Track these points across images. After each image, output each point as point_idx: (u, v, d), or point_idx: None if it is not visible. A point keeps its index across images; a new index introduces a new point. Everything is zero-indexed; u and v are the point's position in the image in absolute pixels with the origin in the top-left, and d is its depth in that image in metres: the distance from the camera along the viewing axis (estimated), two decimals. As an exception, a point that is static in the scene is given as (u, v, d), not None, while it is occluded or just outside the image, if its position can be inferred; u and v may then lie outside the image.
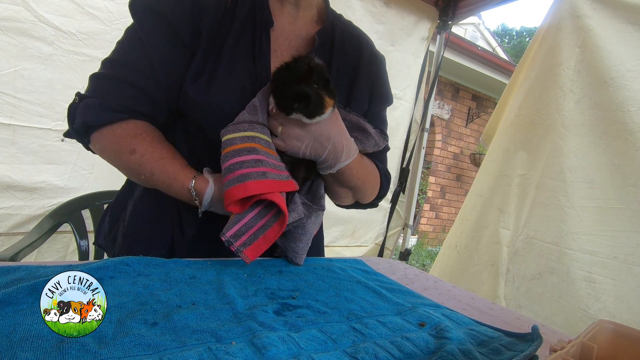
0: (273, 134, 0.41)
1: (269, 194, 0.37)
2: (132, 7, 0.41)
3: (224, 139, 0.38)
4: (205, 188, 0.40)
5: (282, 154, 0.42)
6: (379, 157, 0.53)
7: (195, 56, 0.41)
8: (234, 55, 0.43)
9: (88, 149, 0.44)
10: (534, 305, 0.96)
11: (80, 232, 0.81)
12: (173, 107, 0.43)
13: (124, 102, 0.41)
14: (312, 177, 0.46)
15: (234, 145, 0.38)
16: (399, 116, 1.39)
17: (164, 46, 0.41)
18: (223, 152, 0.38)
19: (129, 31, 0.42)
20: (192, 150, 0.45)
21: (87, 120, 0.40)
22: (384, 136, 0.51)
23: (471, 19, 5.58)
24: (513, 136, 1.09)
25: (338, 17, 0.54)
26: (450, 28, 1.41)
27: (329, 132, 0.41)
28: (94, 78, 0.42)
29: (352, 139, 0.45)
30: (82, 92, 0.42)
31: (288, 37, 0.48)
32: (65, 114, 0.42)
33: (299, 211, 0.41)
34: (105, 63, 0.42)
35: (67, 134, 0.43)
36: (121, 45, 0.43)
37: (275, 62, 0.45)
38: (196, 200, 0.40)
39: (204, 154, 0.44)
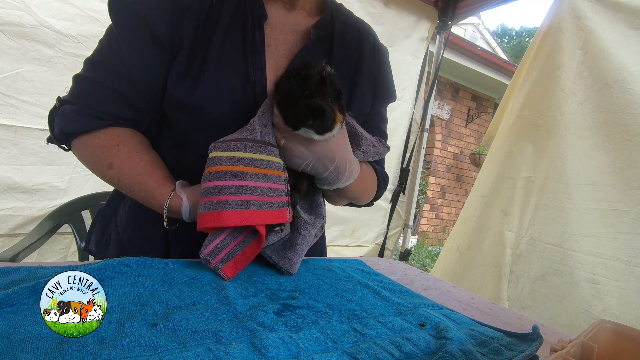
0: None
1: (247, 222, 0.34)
2: (110, 7, 0.38)
3: (209, 155, 0.35)
4: (180, 206, 0.38)
5: None
6: (377, 159, 0.52)
7: (178, 57, 0.39)
8: (222, 54, 0.39)
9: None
10: (538, 307, 0.96)
11: (81, 233, 0.81)
12: (156, 112, 0.41)
13: (104, 108, 0.39)
14: (314, 191, 0.44)
15: (218, 165, 0.34)
16: (398, 116, 1.39)
17: (142, 49, 0.39)
18: (206, 169, 0.35)
19: (109, 31, 0.40)
20: (177, 159, 0.42)
21: (64, 127, 0.39)
22: (385, 143, 0.49)
23: (471, 19, 5.58)
24: (515, 138, 1.09)
25: (338, 8, 0.50)
26: (450, 28, 1.41)
27: (334, 153, 0.38)
28: (76, 80, 0.40)
29: (356, 159, 0.42)
30: (65, 94, 0.41)
31: (284, 30, 0.45)
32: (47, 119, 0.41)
33: (287, 228, 0.39)
34: (87, 63, 0.40)
35: (49, 140, 0.42)
36: (102, 45, 0.40)
37: (270, 58, 0.42)
38: (165, 220, 0.39)
39: (188, 162, 0.42)
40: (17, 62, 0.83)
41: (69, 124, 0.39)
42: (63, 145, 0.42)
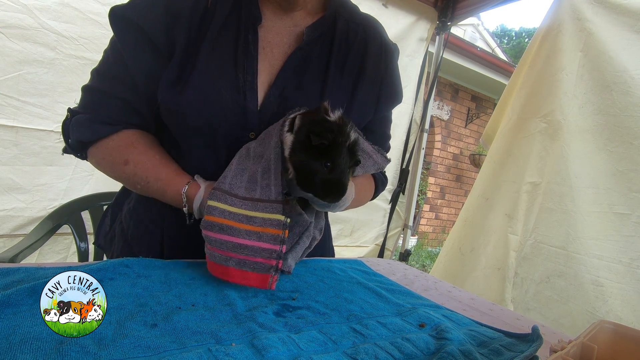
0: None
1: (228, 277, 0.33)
2: (110, 18, 0.40)
3: (207, 202, 0.35)
4: (195, 194, 0.38)
5: None
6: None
7: (170, 64, 0.39)
8: (211, 59, 0.39)
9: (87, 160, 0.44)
10: (542, 308, 0.96)
11: (80, 234, 0.81)
12: (157, 118, 0.42)
13: (113, 115, 0.41)
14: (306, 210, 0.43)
15: (212, 216, 0.34)
16: (397, 117, 1.40)
17: (142, 57, 0.39)
18: (204, 216, 0.35)
19: (112, 42, 0.41)
20: (177, 163, 0.42)
21: (80, 137, 0.40)
22: (385, 155, 0.48)
23: (470, 20, 5.58)
24: (517, 140, 1.08)
25: (343, 4, 0.47)
26: (450, 29, 1.41)
27: None
28: (84, 90, 0.42)
29: (352, 187, 0.42)
30: (75, 105, 0.42)
31: (280, 31, 0.43)
32: (61, 123, 0.42)
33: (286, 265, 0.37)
34: (94, 74, 0.42)
35: (65, 150, 0.43)
36: (106, 55, 0.42)
37: (264, 61, 0.42)
38: (186, 206, 0.39)
39: (184, 166, 0.42)
40: (19, 64, 0.83)
41: (85, 133, 0.40)
42: (79, 155, 0.43)
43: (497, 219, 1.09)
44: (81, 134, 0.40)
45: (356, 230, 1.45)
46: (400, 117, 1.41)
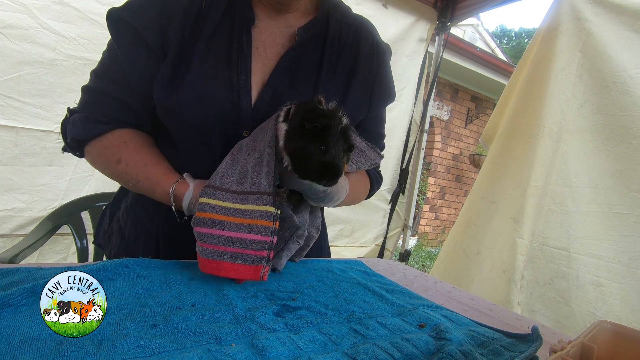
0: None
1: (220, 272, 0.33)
2: (107, 20, 0.40)
3: (199, 200, 0.35)
4: (184, 193, 0.39)
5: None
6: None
7: (164, 63, 0.39)
8: (205, 59, 0.40)
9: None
10: (546, 310, 0.96)
11: (80, 234, 0.81)
12: (154, 116, 0.43)
13: (109, 114, 0.41)
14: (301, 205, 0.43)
15: (203, 212, 0.34)
16: (395, 117, 1.39)
17: (137, 58, 0.40)
18: (195, 213, 0.35)
19: (110, 43, 0.42)
20: (170, 161, 0.43)
21: (75, 135, 0.41)
22: (378, 151, 0.48)
23: (470, 20, 5.59)
24: (518, 142, 1.08)
25: (336, 5, 0.48)
26: (449, 29, 1.41)
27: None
28: (83, 91, 0.43)
29: (345, 182, 0.42)
30: (74, 105, 0.43)
31: (273, 32, 0.44)
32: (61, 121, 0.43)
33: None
34: (92, 74, 0.43)
35: (64, 149, 0.45)
36: (104, 57, 0.43)
37: (257, 61, 0.42)
38: (173, 205, 0.39)
39: (178, 164, 0.43)
40: (18, 65, 0.83)
41: (79, 131, 0.42)
42: (77, 153, 0.44)
43: (503, 223, 1.08)
44: (76, 132, 0.41)
45: (356, 230, 1.45)
46: (400, 118, 1.41)
